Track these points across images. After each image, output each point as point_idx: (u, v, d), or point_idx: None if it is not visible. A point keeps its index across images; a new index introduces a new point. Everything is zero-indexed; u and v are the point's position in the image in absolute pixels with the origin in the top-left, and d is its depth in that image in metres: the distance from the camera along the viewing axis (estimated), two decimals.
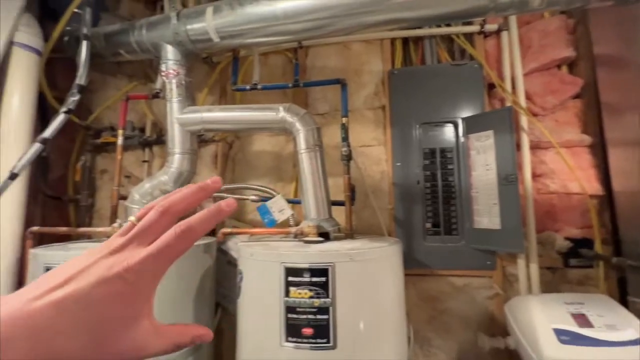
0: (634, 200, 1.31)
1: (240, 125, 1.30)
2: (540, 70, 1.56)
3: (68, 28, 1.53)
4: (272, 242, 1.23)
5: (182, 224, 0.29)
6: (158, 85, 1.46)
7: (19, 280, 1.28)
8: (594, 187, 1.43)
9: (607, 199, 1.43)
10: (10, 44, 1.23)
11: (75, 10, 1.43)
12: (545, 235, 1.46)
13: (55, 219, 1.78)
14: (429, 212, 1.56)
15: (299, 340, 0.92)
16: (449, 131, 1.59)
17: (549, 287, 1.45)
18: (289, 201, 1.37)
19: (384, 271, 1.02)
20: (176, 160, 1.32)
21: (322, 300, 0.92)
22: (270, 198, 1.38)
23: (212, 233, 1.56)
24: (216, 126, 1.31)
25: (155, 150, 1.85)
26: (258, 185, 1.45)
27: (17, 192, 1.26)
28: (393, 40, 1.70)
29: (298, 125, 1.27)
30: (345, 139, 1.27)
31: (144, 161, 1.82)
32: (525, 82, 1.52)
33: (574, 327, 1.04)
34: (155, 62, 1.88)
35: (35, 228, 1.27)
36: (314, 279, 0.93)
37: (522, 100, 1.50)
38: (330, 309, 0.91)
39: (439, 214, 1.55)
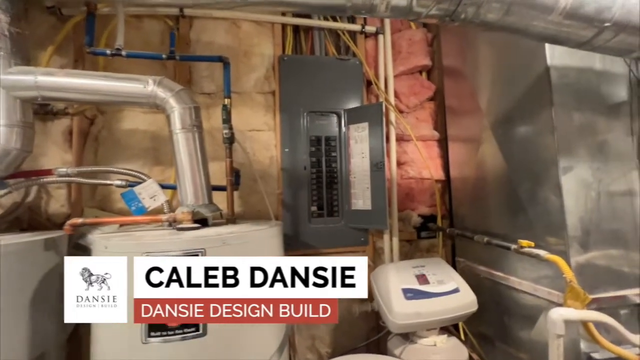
0: (463, 184, 1.69)
1: (95, 96, 1.09)
2: (406, 73, 1.82)
3: None
4: (141, 231, 1.09)
5: None
6: None
7: None
8: (439, 173, 1.79)
9: (447, 183, 1.80)
10: None
11: None
12: (405, 214, 1.75)
13: None
14: (314, 196, 1.66)
15: (165, 333, 0.86)
16: (333, 121, 1.71)
17: (407, 256, 1.75)
18: (164, 187, 1.25)
19: (261, 254, 1.04)
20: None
21: None
22: (141, 183, 1.22)
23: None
24: (60, 95, 1.06)
25: None
26: (125, 169, 1.26)
27: None
28: (284, 26, 1.71)
29: (172, 102, 1.14)
30: (226, 120, 1.22)
31: None
32: (395, 82, 1.76)
33: (416, 285, 1.30)
34: None
35: None
36: None
37: (392, 98, 1.74)
38: None
39: (323, 198, 1.67)
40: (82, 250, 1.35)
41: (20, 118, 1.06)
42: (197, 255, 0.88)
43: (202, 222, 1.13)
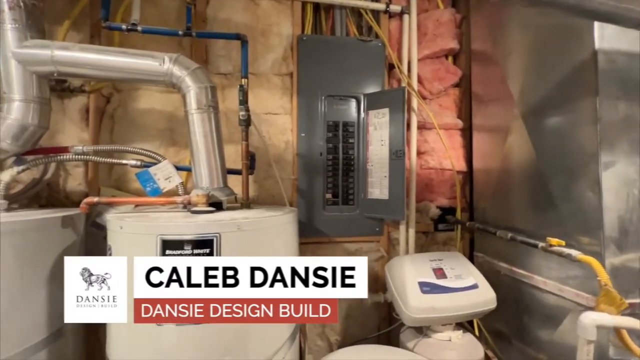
0: (486, 177, 1.61)
1: (111, 73, 1.06)
2: (431, 57, 1.72)
3: None
4: (155, 212, 1.08)
5: None
6: None
7: None
8: (461, 164, 1.71)
9: (469, 175, 1.72)
10: None
11: None
12: (423, 205, 1.69)
13: None
14: (330, 184, 1.61)
15: None
16: (352, 106, 1.64)
17: (422, 248, 1.71)
18: (179, 168, 1.22)
19: (275, 240, 1.02)
20: (16, 109, 1.01)
21: None
22: (156, 164, 1.20)
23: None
24: (76, 70, 1.03)
25: None
26: (140, 149, 1.24)
27: None
28: (304, 5, 1.62)
29: (188, 81, 1.11)
30: (243, 102, 1.18)
31: None
32: (419, 66, 1.66)
33: (433, 279, 1.25)
34: None
35: None
36: (197, 251, 0.86)
37: (415, 84, 1.64)
38: None
39: (339, 186, 1.62)
40: (100, 228, 1.36)
41: (37, 93, 1.04)
42: (212, 240, 0.86)
43: (217, 206, 1.11)
